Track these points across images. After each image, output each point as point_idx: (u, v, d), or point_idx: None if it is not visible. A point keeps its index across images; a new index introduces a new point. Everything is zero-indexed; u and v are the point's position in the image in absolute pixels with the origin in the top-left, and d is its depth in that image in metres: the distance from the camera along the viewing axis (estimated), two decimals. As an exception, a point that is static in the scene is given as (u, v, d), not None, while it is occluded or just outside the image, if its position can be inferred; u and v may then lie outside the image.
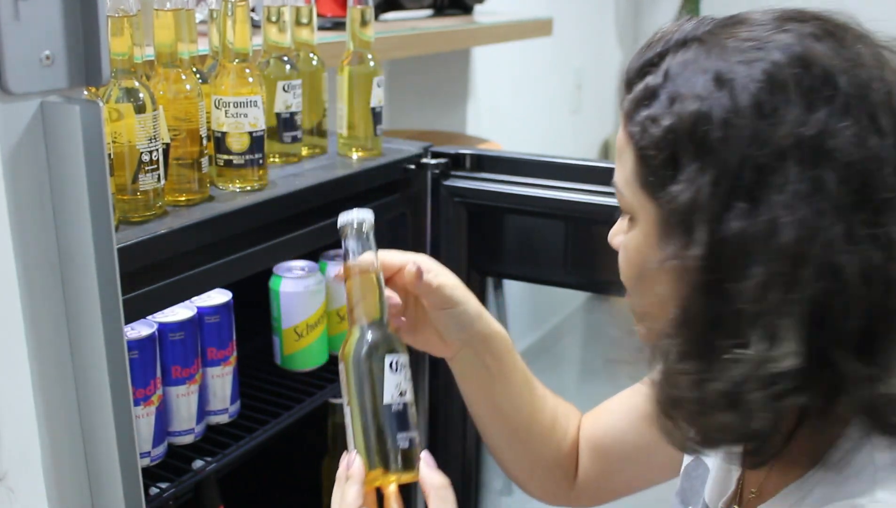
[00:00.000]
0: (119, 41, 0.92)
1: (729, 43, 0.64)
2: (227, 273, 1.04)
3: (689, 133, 0.62)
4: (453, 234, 1.38)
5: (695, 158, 0.62)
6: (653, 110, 0.65)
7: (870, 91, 0.61)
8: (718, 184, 0.60)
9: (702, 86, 0.62)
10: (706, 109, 0.61)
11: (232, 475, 1.44)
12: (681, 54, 0.66)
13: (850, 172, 0.59)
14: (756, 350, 0.59)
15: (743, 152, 0.60)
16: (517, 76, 3.06)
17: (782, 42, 0.62)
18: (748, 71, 0.61)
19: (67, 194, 0.58)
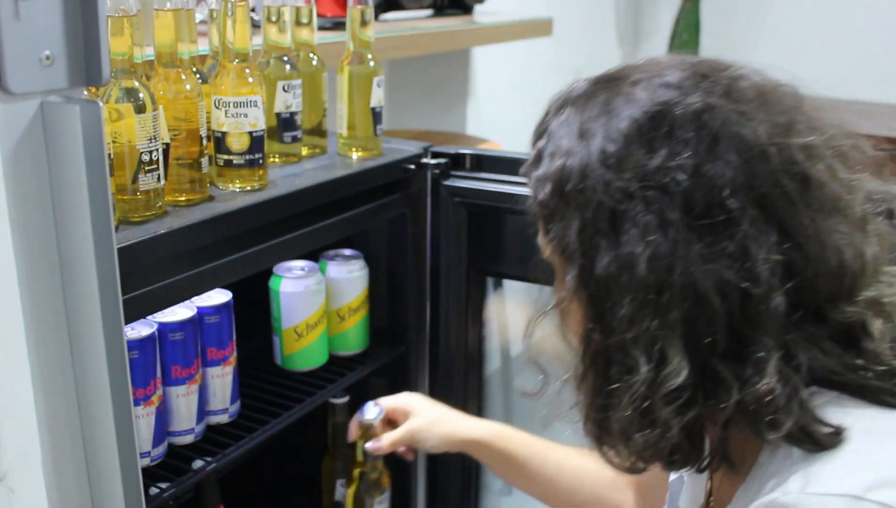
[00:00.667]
0: (119, 41, 0.92)
1: (594, 101, 0.71)
2: (227, 273, 1.04)
3: (557, 187, 0.70)
4: (453, 234, 1.38)
5: (564, 210, 0.70)
6: (538, 171, 0.73)
7: (706, 123, 0.66)
8: (583, 230, 0.68)
9: (567, 143, 0.70)
10: (569, 164, 0.69)
11: (232, 475, 1.44)
12: (558, 116, 0.73)
13: (690, 200, 0.65)
14: (645, 373, 0.65)
15: (597, 199, 0.67)
16: (517, 76, 3.06)
17: (636, 96, 0.69)
18: (599, 125, 0.69)
19: (67, 194, 0.58)
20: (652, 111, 0.67)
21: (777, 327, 0.64)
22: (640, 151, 0.66)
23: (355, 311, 1.36)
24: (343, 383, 1.33)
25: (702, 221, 0.65)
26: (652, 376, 0.65)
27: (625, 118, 0.68)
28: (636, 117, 0.67)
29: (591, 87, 0.73)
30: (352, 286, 1.35)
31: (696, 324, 0.64)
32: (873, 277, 0.68)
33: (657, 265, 0.64)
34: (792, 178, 0.66)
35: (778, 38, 3.96)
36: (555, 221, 0.71)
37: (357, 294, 1.36)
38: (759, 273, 0.64)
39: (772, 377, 0.63)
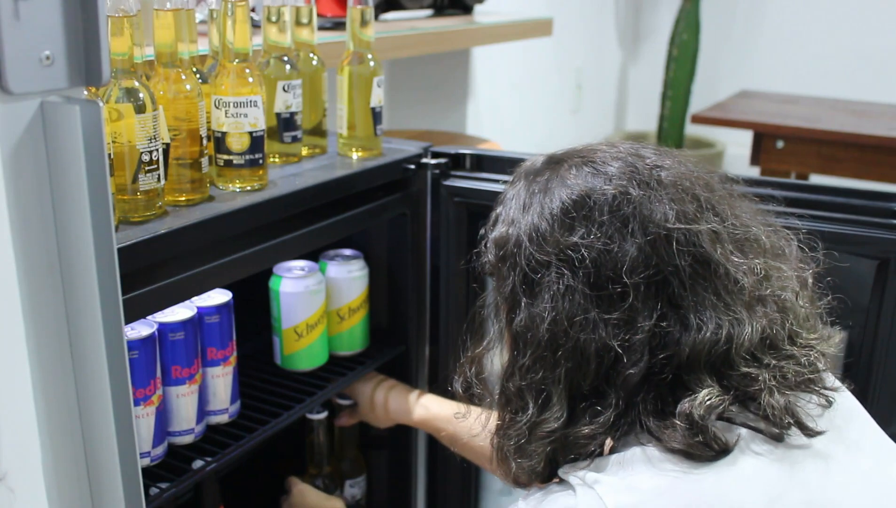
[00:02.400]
0: (119, 41, 0.92)
1: (540, 178, 0.83)
2: (227, 273, 1.04)
3: (498, 250, 0.82)
4: (453, 234, 1.38)
5: (501, 269, 0.82)
6: (491, 234, 0.85)
7: (622, 205, 0.77)
8: (512, 290, 0.80)
9: (513, 213, 0.82)
10: (510, 233, 0.81)
11: (232, 475, 1.44)
12: (514, 186, 0.85)
13: (592, 274, 0.76)
14: (530, 415, 0.78)
15: (523, 265, 0.79)
16: (517, 76, 3.06)
17: (569, 181, 0.80)
18: (539, 202, 0.80)
19: (67, 194, 0.58)
20: (576, 196, 0.79)
21: (629, 387, 0.75)
22: (562, 229, 0.78)
23: (355, 311, 1.36)
24: (343, 383, 1.34)
25: (599, 292, 0.76)
26: (535, 418, 0.78)
27: (556, 198, 0.80)
28: (563, 200, 0.79)
29: (542, 165, 0.85)
30: (352, 286, 1.35)
31: (576, 378, 0.77)
32: (754, 356, 0.76)
33: (555, 328, 0.77)
34: (691, 259, 0.76)
35: (778, 39, 3.96)
36: (496, 277, 0.84)
37: (357, 294, 1.36)
38: (635, 342, 0.74)
39: (597, 426, 0.76)
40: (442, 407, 1.34)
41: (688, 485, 0.72)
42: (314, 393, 1.28)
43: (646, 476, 0.74)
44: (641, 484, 0.73)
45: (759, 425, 0.75)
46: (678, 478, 0.73)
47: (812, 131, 2.78)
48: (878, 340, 1.14)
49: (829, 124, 2.83)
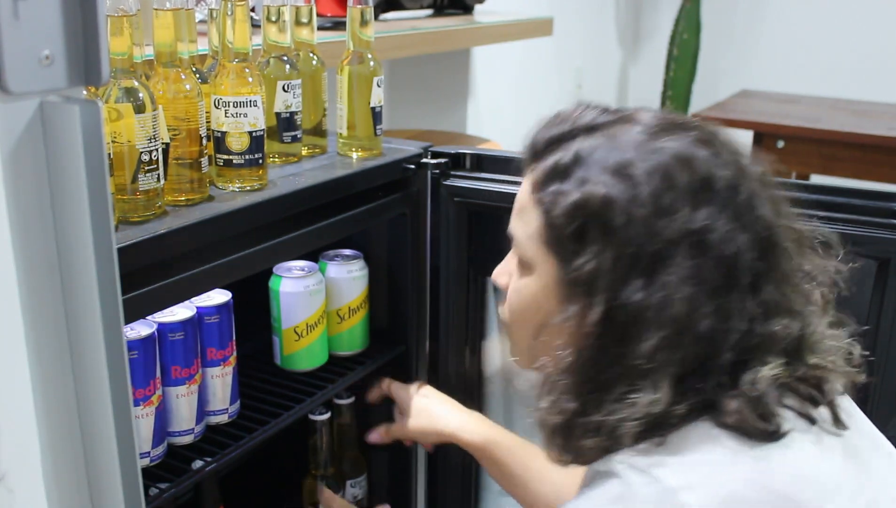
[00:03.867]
0: (119, 41, 0.92)
1: (630, 138, 0.78)
2: (227, 273, 1.04)
3: (596, 215, 0.75)
4: (453, 234, 1.38)
5: (599, 237, 0.75)
6: (564, 186, 0.78)
7: (737, 194, 0.76)
8: (618, 262, 0.74)
9: (608, 174, 0.76)
10: (611, 196, 0.75)
11: (232, 475, 1.44)
12: (589, 140, 0.79)
13: (721, 262, 0.74)
14: (644, 396, 0.74)
15: (641, 239, 0.74)
16: (517, 76, 3.07)
17: (674, 146, 0.76)
18: (647, 167, 0.75)
19: (67, 193, 0.58)
20: (702, 174, 0.75)
21: (720, 370, 0.75)
22: (687, 206, 0.74)
23: (355, 311, 1.36)
24: (343, 383, 1.33)
25: (726, 281, 0.74)
26: (648, 400, 0.74)
27: (679, 173, 0.75)
28: (690, 176, 0.75)
29: (620, 122, 0.80)
30: (352, 286, 1.35)
31: (687, 360, 0.74)
32: (812, 349, 0.79)
33: (685, 310, 0.73)
34: (782, 256, 0.78)
35: (778, 39, 3.96)
36: (578, 241, 0.77)
37: (357, 294, 1.36)
38: (735, 328, 0.74)
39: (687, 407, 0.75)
40: (505, 434, 1.25)
41: (754, 463, 0.73)
42: (314, 393, 1.28)
43: (710, 453, 0.73)
44: (705, 462, 0.73)
45: (809, 411, 0.77)
46: (743, 455, 0.73)
47: (812, 131, 2.78)
48: (878, 340, 1.14)
49: (830, 124, 2.83)
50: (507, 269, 0.90)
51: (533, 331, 0.84)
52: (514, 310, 0.88)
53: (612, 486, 0.73)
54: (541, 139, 0.84)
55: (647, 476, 0.72)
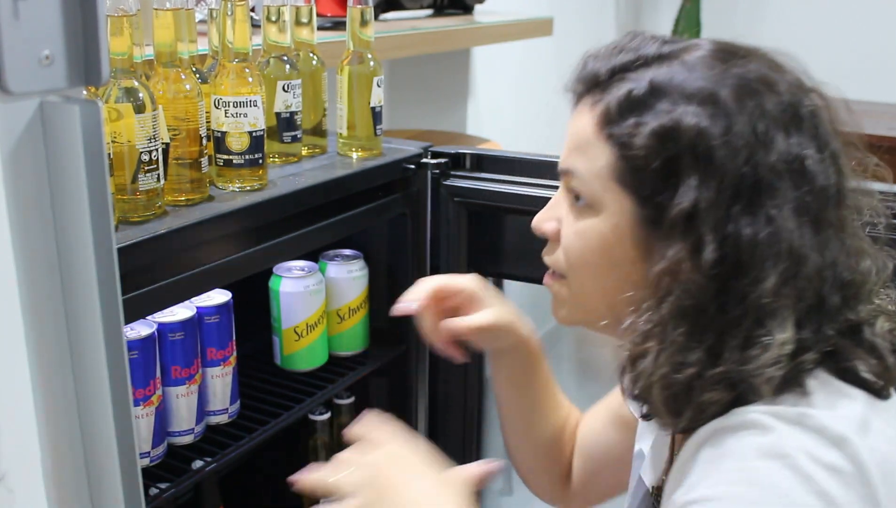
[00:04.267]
0: (119, 41, 0.92)
1: (706, 64, 0.73)
2: (227, 273, 1.04)
3: (690, 146, 0.70)
4: (453, 234, 1.38)
5: (695, 170, 0.70)
6: (644, 118, 0.72)
7: (820, 123, 0.73)
8: (721, 195, 0.69)
9: (695, 102, 0.71)
10: (704, 126, 0.70)
11: (232, 475, 1.44)
12: (662, 69, 0.74)
13: (818, 193, 0.71)
14: (776, 336, 0.67)
15: (743, 169, 0.69)
16: (517, 76, 3.06)
17: (754, 70, 0.72)
18: (732, 94, 0.71)
19: (67, 194, 0.58)
20: (787, 100, 0.71)
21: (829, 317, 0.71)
22: (781, 134, 0.70)
23: (355, 311, 1.36)
24: (343, 383, 1.33)
25: (826, 212, 0.71)
26: (780, 340, 0.67)
27: (769, 101, 0.71)
28: (775, 103, 0.71)
29: (691, 49, 0.75)
30: (352, 286, 1.35)
31: (807, 303, 0.69)
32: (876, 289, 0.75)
33: (799, 243, 0.69)
34: (853, 192, 0.75)
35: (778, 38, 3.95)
36: (666, 176, 0.71)
37: (357, 294, 1.36)
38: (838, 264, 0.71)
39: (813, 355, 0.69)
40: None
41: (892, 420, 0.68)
42: (314, 393, 1.28)
43: (850, 407, 0.68)
44: (853, 416, 0.67)
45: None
46: (878, 411, 0.69)
47: (812, 131, 2.77)
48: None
49: (830, 124, 2.82)
50: (553, 214, 0.82)
51: (601, 277, 0.77)
52: (577, 255, 0.79)
53: (760, 438, 0.65)
54: (602, 69, 0.77)
55: (801, 426, 0.65)
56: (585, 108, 0.78)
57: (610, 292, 0.77)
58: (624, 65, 0.76)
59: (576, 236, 0.78)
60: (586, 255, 0.78)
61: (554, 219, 0.82)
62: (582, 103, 0.79)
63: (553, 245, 0.83)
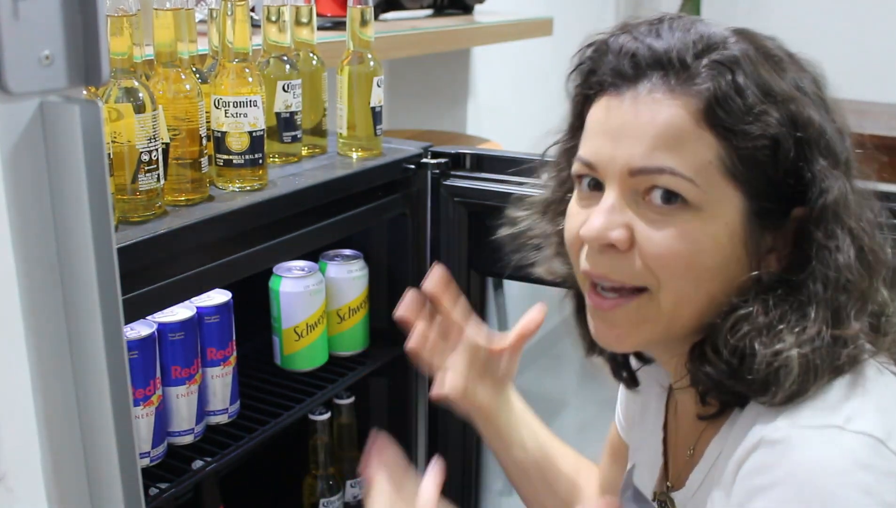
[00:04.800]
0: (119, 41, 0.92)
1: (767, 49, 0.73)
2: (227, 273, 1.04)
3: (817, 136, 0.70)
4: (453, 234, 1.38)
5: (823, 160, 0.69)
6: (761, 107, 0.69)
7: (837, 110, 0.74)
8: (846, 178, 0.70)
9: (787, 88, 0.70)
10: (810, 113, 0.70)
11: (232, 475, 1.44)
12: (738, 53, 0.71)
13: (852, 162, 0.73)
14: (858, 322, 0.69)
15: (841, 150, 0.71)
16: (517, 76, 3.06)
17: (793, 55, 0.74)
18: (802, 78, 0.72)
19: (67, 193, 0.58)
20: (815, 76, 0.74)
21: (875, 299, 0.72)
22: (829, 112, 0.72)
23: (355, 311, 1.36)
24: (343, 383, 1.33)
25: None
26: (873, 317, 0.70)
27: (816, 81, 0.74)
28: (813, 83, 0.73)
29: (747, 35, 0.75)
30: (352, 286, 1.35)
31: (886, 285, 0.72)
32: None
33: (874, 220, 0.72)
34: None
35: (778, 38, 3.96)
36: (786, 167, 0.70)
37: (357, 294, 1.36)
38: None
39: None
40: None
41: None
42: (314, 393, 1.28)
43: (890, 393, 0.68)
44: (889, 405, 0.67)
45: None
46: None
47: (812, 131, 2.77)
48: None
49: (830, 124, 2.82)
50: (618, 220, 0.71)
51: (706, 282, 0.71)
52: (679, 262, 0.70)
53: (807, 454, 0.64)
54: (690, 55, 0.71)
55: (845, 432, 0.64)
56: (661, 97, 0.70)
57: (713, 296, 0.71)
58: (704, 50, 0.71)
59: (675, 240, 0.70)
60: (692, 259, 0.70)
61: (621, 225, 0.71)
62: (646, 91, 0.71)
63: (620, 257, 0.72)
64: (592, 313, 0.77)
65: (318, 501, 1.42)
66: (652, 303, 0.72)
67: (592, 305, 0.76)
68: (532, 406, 0.99)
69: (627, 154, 0.70)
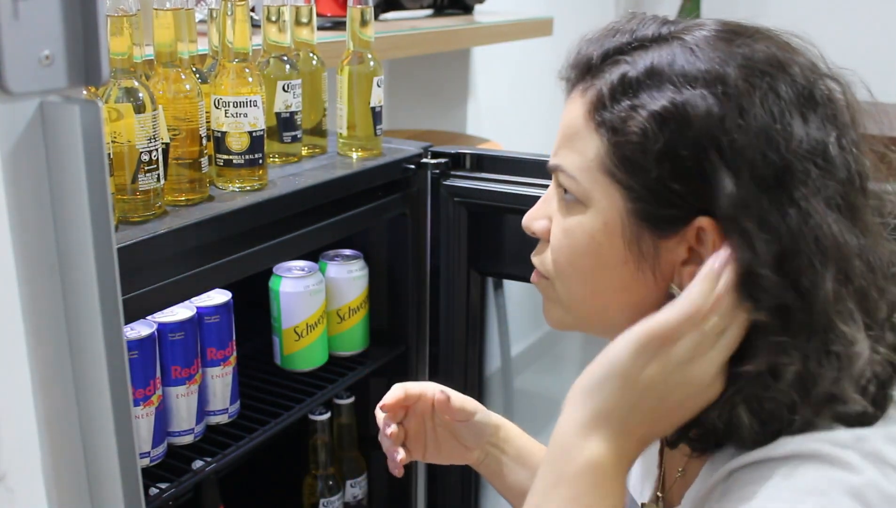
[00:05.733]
0: (119, 41, 0.92)
1: (708, 44, 0.66)
2: (227, 273, 1.04)
3: (704, 133, 0.63)
4: (453, 234, 1.38)
5: (716, 159, 0.63)
6: (640, 102, 0.65)
7: (837, 108, 0.67)
8: (753, 185, 0.62)
9: (701, 86, 0.64)
10: (716, 110, 0.63)
11: (232, 475, 1.44)
12: (664, 50, 0.67)
13: (843, 182, 0.65)
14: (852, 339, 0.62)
15: (766, 155, 0.62)
16: (517, 76, 3.06)
17: (764, 50, 0.66)
18: (741, 74, 0.64)
19: (67, 193, 0.58)
20: (802, 83, 0.66)
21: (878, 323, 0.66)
22: (799, 119, 0.64)
23: (355, 311, 1.36)
24: (343, 383, 1.33)
25: (849, 202, 0.65)
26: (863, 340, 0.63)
27: (776, 80, 0.65)
28: (789, 85, 0.65)
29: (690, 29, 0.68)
30: (352, 286, 1.35)
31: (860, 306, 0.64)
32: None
33: (840, 236, 0.63)
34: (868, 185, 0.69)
35: (778, 38, 3.95)
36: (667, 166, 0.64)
37: (357, 294, 1.36)
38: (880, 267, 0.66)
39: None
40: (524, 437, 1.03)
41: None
42: (314, 393, 1.28)
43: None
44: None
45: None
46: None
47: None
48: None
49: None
50: (544, 212, 0.75)
51: (589, 279, 0.71)
52: (565, 255, 0.72)
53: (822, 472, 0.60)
54: (594, 53, 0.70)
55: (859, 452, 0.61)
56: (576, 96, 0.71)
57: (599, 295, 0.71)
58: (619, 47, 0.69)
59: (563, 233, 0.72)
60: (574, 255, 0.71)
61: (545, 217, 0.75)
62: (574, 92, 0.72)
63: (543, 245, 0.76)
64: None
65: (318, 501, 1.42)
66: (551, 288, 0.75)
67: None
68: (532, 406, 0.99)
69: (551, 153, 0.74)
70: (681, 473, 0.78)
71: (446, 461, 0.98)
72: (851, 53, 2.28)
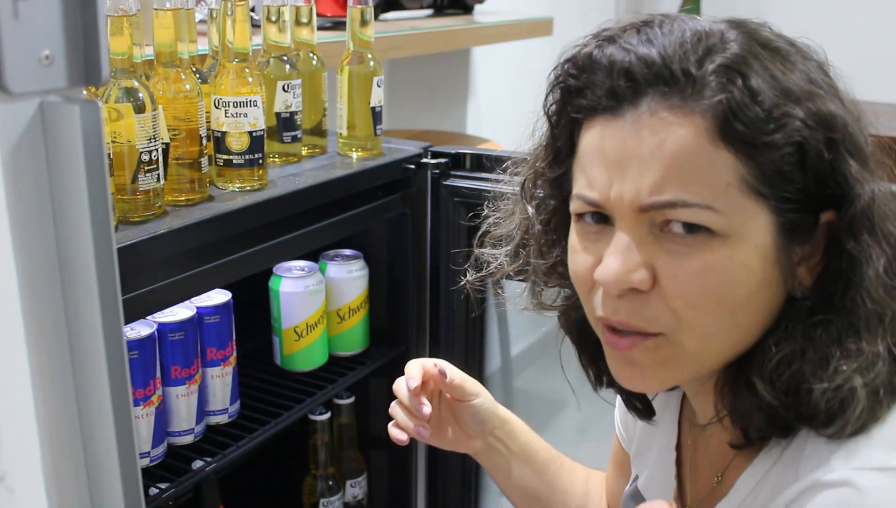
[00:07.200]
0: (119, 41, 0.92)
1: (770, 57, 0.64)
2: (227, 273, 1.04)
3: (842, 134, 0.62)
4: (453, 234, 1.38)
5: (853, 160, 0.63)
6: (783, 111, 0.61)
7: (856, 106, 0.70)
8: (872, 176, 0.64)
9: (802, 83, 0.63)
10: (828, 107, 0.63)
11: (232, 475, 1.44)
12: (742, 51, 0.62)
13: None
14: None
15: (866, 142, 0.65)
16: (517, 76, 3.06)
17: (808, 55, 0.68)
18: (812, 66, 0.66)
19: (67, 193, 0.58)
20: (833, 78, 0.69)
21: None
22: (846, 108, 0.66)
23: (355, 311, 1.36)
24: (343, 383, 1.33)
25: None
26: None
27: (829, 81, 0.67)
28: (828, 81, 0.68)
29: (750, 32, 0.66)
30: (352, 286, 1.35)
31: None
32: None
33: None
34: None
35: (778, 38, 3.95)
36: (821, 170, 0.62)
37: (357, 294, 1.36)
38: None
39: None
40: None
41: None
42: (314, 393, 1.28)
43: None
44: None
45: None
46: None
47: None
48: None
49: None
50: (637, 259, 0.64)
51: (737, 313, 0.64)
52: (708, 297, 0.63)
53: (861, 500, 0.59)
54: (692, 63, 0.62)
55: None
56: (667, 117, 0.62)
57: (746, 326, 0.65)
58: (702, 55, 0.62)
59: (702, 274, 0.62)
60: (722, 293, 0.63)
61: (640, 265, 0.63)
62: (648, 114, 0.62)
63: (640, 299, 0.64)
64: (610, 353, 0.70)
65: (318, 501, 1.42)
66: (670, 345, 0.65)
67: (608, 344, 0.68)
68: (532, 406, 1.00)
69: (635, 189, 0.62)
70: (719, 480, 0.75)
71: (448, 446, 0.96)
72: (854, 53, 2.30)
